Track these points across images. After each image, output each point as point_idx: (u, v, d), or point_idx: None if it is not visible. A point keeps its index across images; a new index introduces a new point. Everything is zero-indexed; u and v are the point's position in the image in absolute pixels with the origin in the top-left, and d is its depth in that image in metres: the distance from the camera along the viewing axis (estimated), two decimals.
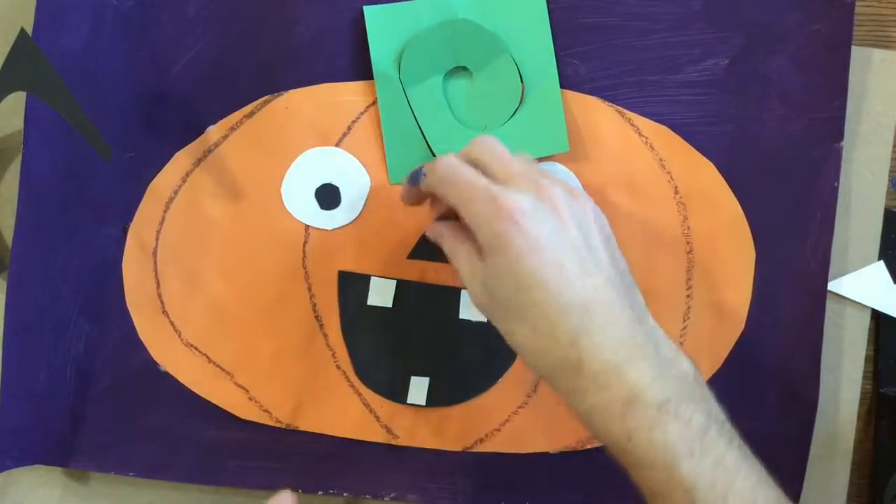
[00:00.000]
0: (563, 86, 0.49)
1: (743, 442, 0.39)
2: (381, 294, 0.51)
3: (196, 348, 0.51)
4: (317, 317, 0.51)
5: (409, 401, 0.51)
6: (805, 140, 0.50)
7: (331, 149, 0.50)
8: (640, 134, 0.50)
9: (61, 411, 0.51)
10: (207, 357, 0.51)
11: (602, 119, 0.50)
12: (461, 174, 0.41)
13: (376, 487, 0.52)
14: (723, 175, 0.50)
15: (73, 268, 0.51)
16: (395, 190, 0.50)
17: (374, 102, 0.50)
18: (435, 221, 0.46)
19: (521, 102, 0.49)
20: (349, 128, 0.50)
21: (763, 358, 0.50)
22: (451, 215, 0.44)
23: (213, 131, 0.51)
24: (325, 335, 0.51)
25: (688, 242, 0.50)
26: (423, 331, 0.50)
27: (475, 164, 0.42)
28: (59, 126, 0.49)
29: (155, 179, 0.51)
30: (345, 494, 0.52)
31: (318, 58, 0.50)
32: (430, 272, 0.50)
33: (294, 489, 0.50)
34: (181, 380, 0.51)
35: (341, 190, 0.51)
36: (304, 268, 0.51)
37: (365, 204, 0.50)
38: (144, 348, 0.51)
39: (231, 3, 0.50)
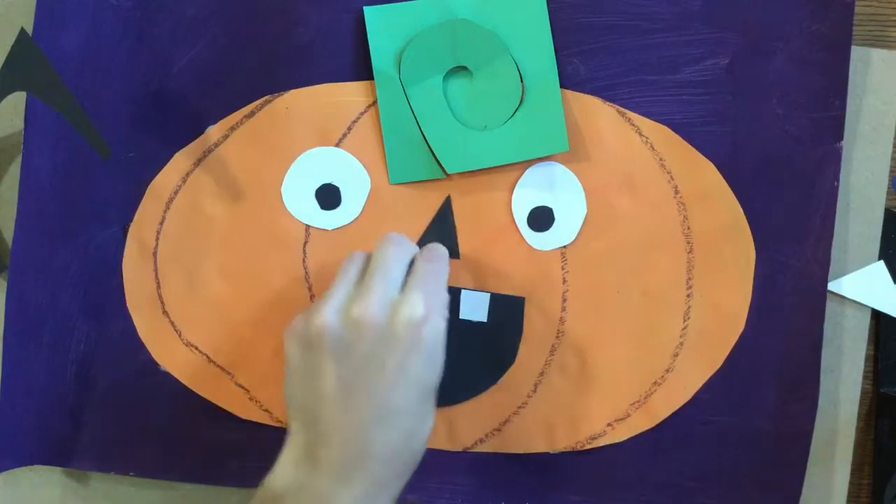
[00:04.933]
0: (563, 86, 0.49)
1: None
2: None
3: (196, 348, 0.51)
4: None
5: None
6: (805, 140, 0.50)
7: (331, 149, 0.50)
8: (640, 134, 0.50)
9: (61, 411, 0.51)
10: (207, 357, 0.51)
11: (602, 119, 0.50)
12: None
13: None
14: (723, 175, 0.50)
15: (73, 268, 0.51)
16: (396, 190, 0.50)
17: (375, 102, 0.50)
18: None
19: (521, 102, 0.49)
20: (349, 128, 0.50)
21: (763, 358, 0.50)
22: None
23: (213, 131, 0.51)
24: None
25: (688, 242, 0.50)
26: None
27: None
28: (59, 126, 0.49)
29: (155, 179, 0.51)
30: None
31: (319, 58, 0.50)
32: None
33: None
34: (181, 380, 0.51)
35: (341, 190, 0.51)
36: (305, 268, 0.51)
37: (365, 204, 0.51)
38: (144, 348, 0.51)
39: (231, 4, 0.50)
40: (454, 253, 0.50)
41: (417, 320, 0.41)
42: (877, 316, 0.52)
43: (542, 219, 0.50)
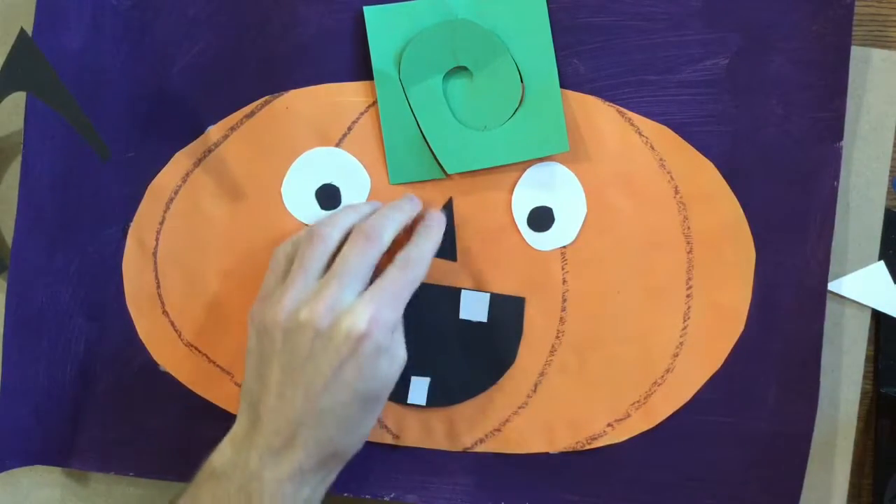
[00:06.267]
0: (563, 86, 0.49)
1: None
2: None
3: (196, 348, 0.51)
4: None
5: (409, 401, 0.51)
6: (805, 140, 0.50)
7: (331, 149, 0.50)
8: (640, 134, 0.50)
9: (61, 411, 0.51)
10: (207, 357, 0.51)
11: (602, 119, 0.50)
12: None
13: (376, 487, 0.52)
14: (723, 175, 0.50)
15: (73, 268, 0.51)
16: (395, 190, 0.50)
17: (375, 102, 0.50)
18: None
19: (521, 102, 0.49)
20: (349, 128, 0.50)
21: (763, 358, 0.50)
22: None
23: (214, 131, 0.51)
24: None
25: (688, 242, 0.50)
26: (424, 331, 0.50)
27: None
28: (59, 126, 0.49)
29: (155, 179, 0.51)
30: (345, 494, 0.52)
31: (319, 58, 0.50)
32: (430, 272, 0.50)
33: None
34: (181, 380, 0.51)
35: (341, 190, 0.51)
36: None
37: None
38: (144, 348, 0.51)
39: (231, 4, 0.50)
40: (453, 253, 0.50)
41: (356, 335, 0.42)
42: (877, 316, 0.52)
43: (542, 219, 0.50)
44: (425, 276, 0.46)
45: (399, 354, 0.45)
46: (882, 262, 0.51)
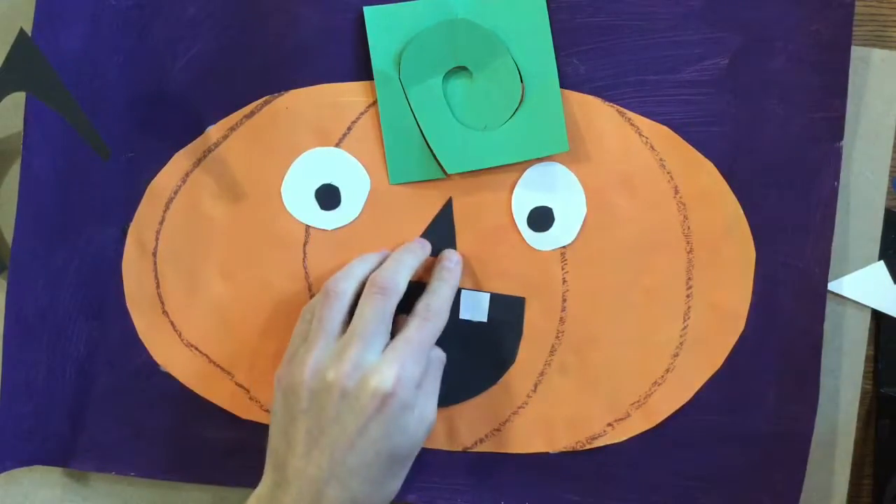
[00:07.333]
0: (563, 86, 0.49)
1: None
2: None
3: (196, 348, 0.51)
4: None
5: None
6: (805, 140, 0.50)
7: (331, 149, 0.50)
8: (640, 134, 0.50)
9: (61, 411, 0.51)
10: (207, 357, 0.51)
11: (602, 119, 0.50)
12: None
13: None
14: (723, 175, 0.50)
15: (73, 268, 0.51)
16: (395, 190, 0.50)
17: (375, 102, 0.50)
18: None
19: (521, 102, 0.49)
20: (349, 128, 0.50)
21: (763, 358, 0.50)
22: None
23: (213, 131, 0.51)
24: None
25: (688, 242, 0.50)
26: None
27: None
28: (59, 126, 0.49)
29: (155, 179, 0.51)
30: None
31: (318, 58, 0.50)
32: (429, 272, 0.50)
33: None
34: (181, 380, 0.51)
35: (341, 190, 0.51)
36: (305, 268, 0.51)
37: (365, 204, 0.51)
38: (144, 348, 0.51)
39: (231, 4, 0.50)
40: None
41: (383, 393, 0.43)
42: (877, 316, 0.52)
43: (542, 219, 0.50)
44: (446, 322, 0.47)
45: (427, 414, 0.45)
46: (882, 262, 0.51)
